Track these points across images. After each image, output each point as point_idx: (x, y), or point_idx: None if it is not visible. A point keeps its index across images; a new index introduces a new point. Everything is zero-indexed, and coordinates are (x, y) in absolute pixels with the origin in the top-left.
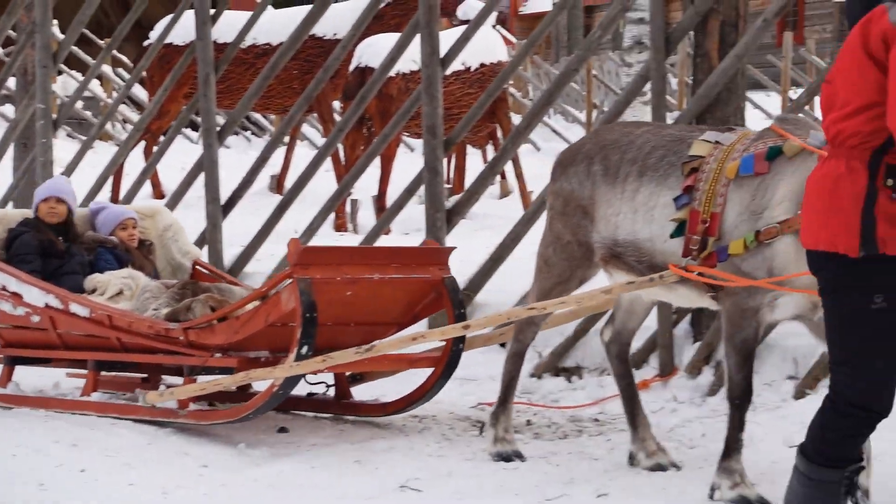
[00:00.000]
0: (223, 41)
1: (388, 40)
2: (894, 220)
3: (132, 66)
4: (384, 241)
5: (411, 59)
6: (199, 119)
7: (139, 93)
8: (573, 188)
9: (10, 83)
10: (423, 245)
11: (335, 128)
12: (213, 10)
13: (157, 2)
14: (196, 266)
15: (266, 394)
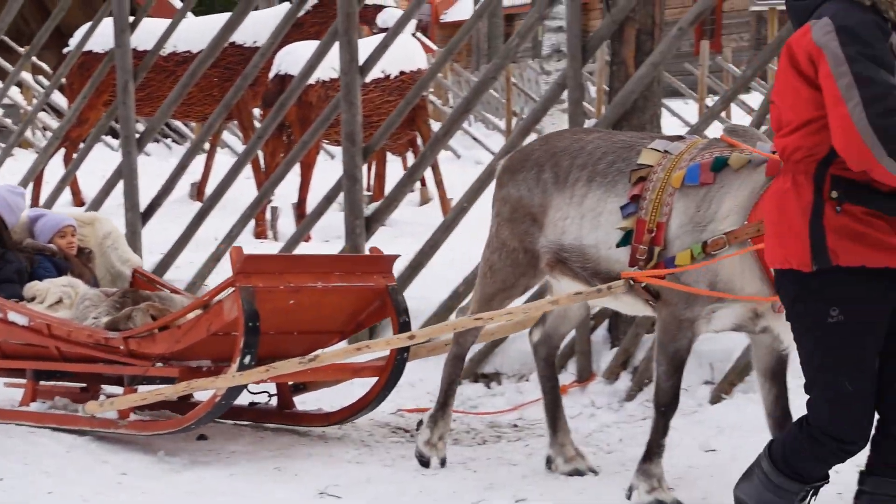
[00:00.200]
0: (143, 48)
1: (308, 48)
2: (843, 232)
3: (52, 74)
4: (304, 249)
5: (331, 67)
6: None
7: (59, 100)
8: (521, 195)
9: None
10: (368, 253)
11: (255, 135)
12: (132, 18)
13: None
14: (136, 274)
15: (208, 404)
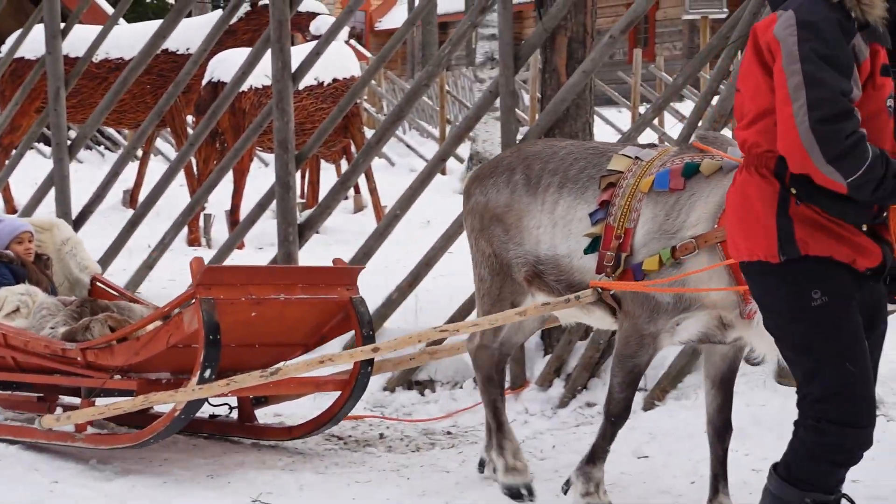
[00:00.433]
0: (75, 55)
1: (241, 55)
2: (810, 221)
3: None
4: (237, 256)
5: (263, 74)
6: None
7: None
8: (489, 198)
9: None
10: (332, 265)
11: (187, 142)
12: (63, 24)
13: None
14: (95, 282)
15: (167, 418)
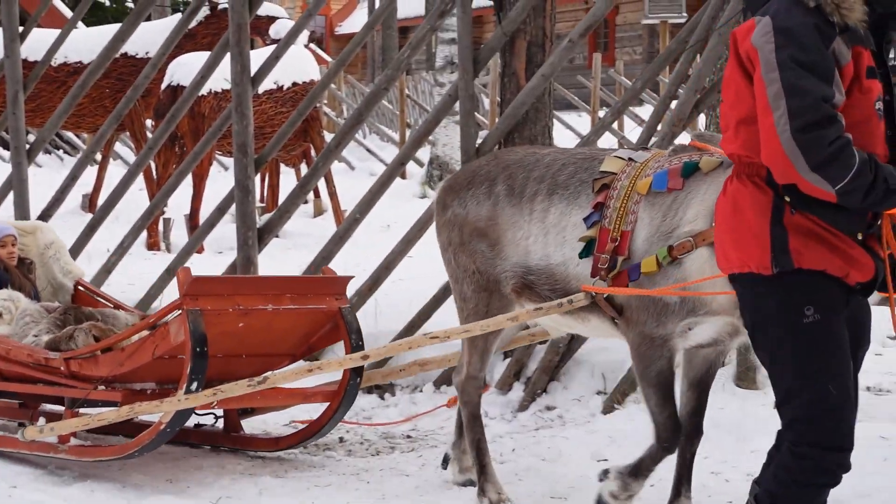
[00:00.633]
0: (33, 59)
1: (200, 59)
2: (806, 231)
3: None
4: (196, 260)
5: (223, 78)
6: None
7: None
8: (469, 211)
9: None
10: (320, 274)
11: (146, 146)
12: (22, 28)
13: None
14: (78, 287)
15: (153, 431)
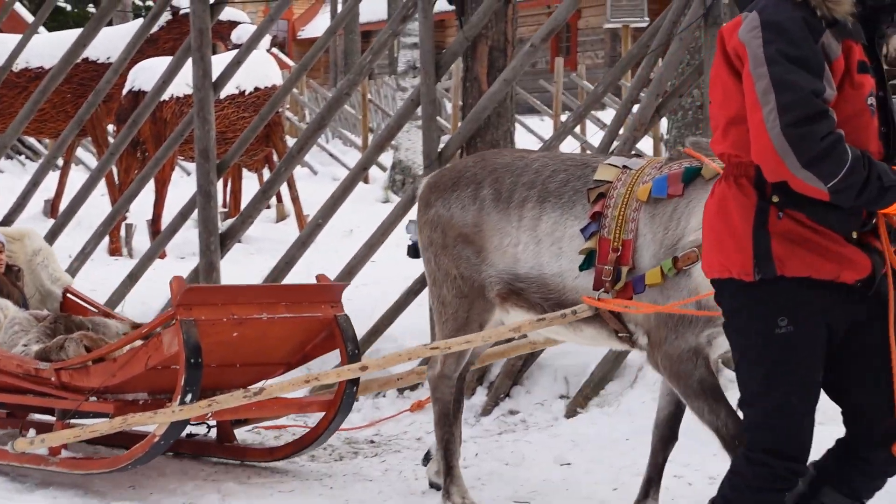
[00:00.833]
0: None
1: (162, 64)
2: (790, 237)
3: None
4: (158, 265)
5: (185, 83)
6: None
7: None
8: (453, 214)
9: None
10: (315, 281)
11: (108, 151)
12: None
13: None
14: (67, 294)
15: (147, 444)
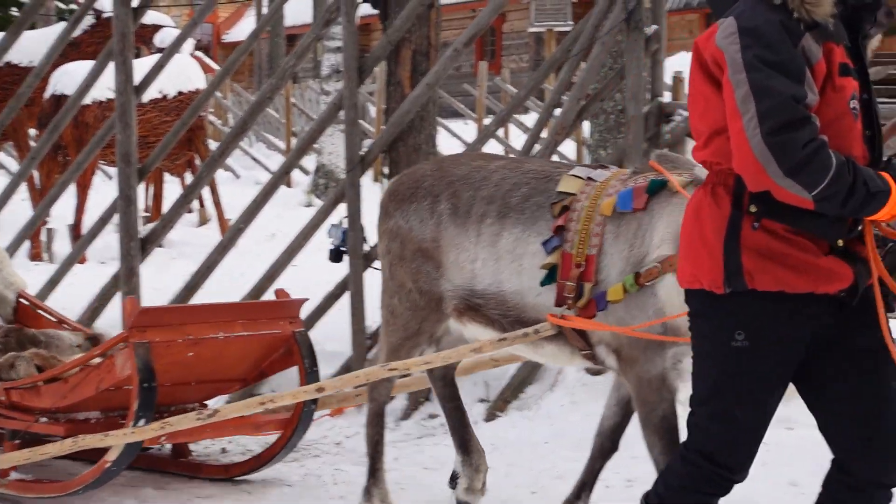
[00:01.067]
0: None
1: (84, 68)
2: (761, 251)
3: None
4: (79, 270)
5: (107, 87)
6: None
7: None
8: (412, 227)
9: None
10: (274, 298)
11: (29, 155)
12: None
13: None
14: (21, 300)
15: (97, 469)
